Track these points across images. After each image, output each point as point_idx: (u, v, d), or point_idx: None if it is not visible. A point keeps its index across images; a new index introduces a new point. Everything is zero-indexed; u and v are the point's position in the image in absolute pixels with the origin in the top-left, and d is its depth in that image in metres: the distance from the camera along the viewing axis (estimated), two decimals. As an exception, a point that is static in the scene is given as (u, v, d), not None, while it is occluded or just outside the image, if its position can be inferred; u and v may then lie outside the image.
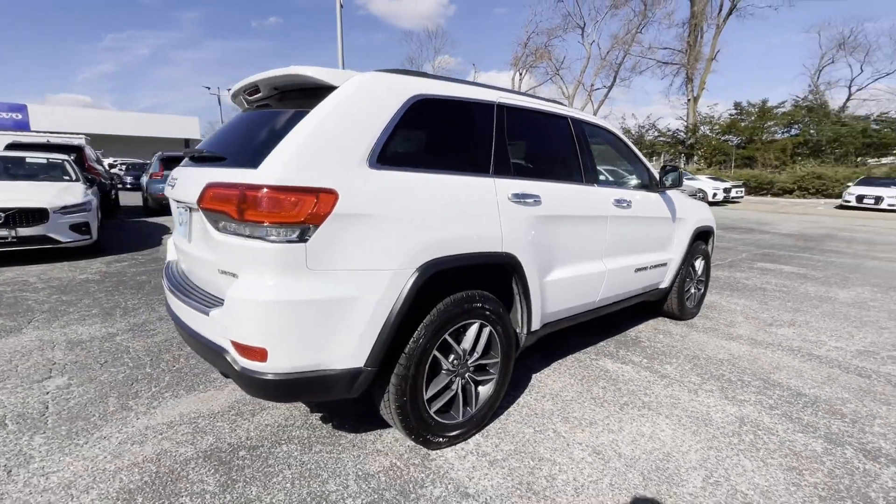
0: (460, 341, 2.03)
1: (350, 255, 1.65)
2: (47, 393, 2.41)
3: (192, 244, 1.98)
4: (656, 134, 33.86)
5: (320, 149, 1.65)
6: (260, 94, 2.09)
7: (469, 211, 1.97)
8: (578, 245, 2.61)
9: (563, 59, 34.25)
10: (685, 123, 33.21)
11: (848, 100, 33.75)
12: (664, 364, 3.02)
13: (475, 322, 2.04)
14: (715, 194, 18.56)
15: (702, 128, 32.00)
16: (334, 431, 2.13)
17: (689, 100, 33.34)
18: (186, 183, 1.95)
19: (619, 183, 3.45)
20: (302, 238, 1.56)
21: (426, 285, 1.80)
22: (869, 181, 18.60)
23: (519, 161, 2.40)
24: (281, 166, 1.58)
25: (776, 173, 25.37)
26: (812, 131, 27.98)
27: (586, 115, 2.97)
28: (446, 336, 1.95)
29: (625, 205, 2.93)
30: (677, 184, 3.35)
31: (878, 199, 16.91)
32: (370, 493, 1.74)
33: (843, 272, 6.14)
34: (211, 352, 1.75)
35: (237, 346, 1.63)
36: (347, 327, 1.66)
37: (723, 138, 31.12)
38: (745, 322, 3.95)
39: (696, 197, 16.65)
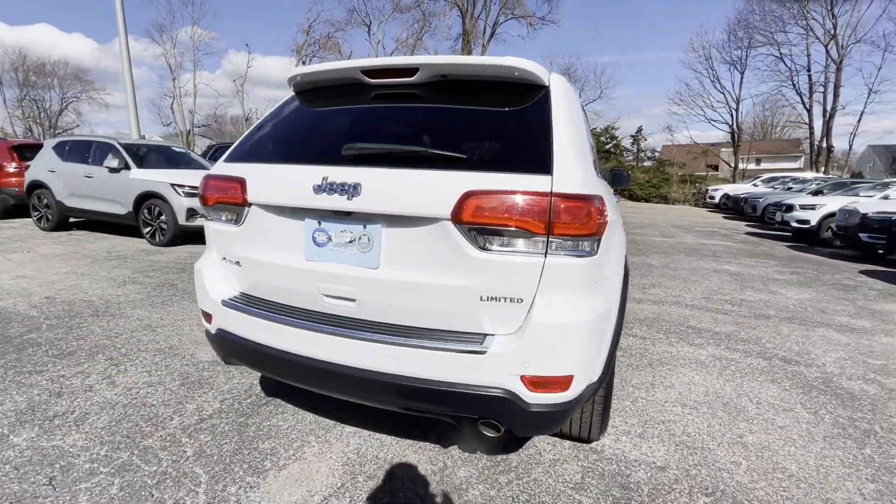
0: None
1: (609, 263, 1.69)
2: None
3: (389, 269, 1.58)
4: None
5: (583, 154, 1.62)
6: (412, 79, 1.74)
7: None
8: None
9: (351, 54, 34.48)
10: None
11: None
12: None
13: None
14: None
15: None
16: (505, 459, 1.99)
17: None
18: (397, 191, 1.54)
19: None
20: (593, 250, 1.50)
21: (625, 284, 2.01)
22: None
23: None
24: (574, 173, 1.48)
25: None
26: None
27: None
28: None
29: None
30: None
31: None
32: (604, 488, 1.84)
33: (635, 246, 8.65)
34: (444, 398, 1.51)
35: (531, 380, 1.46)
36: (606, 337, 1.68)
37: None
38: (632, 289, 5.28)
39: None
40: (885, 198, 9.69)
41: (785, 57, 28.87)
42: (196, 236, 6.62)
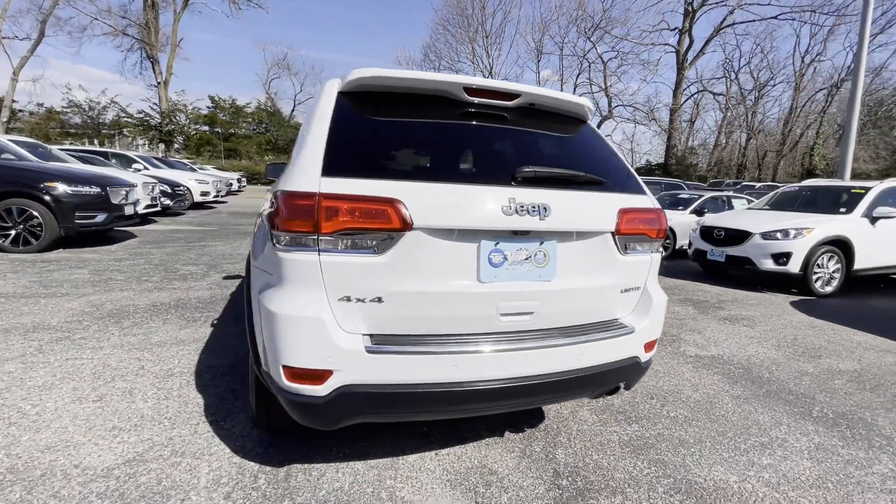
0: None
1: None
2: None
3: (562, 280, 1.77)
4: (121, 114, 34.16)
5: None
6: (510, 103, 1.89)
7: None
8: None
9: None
10: (155, 108, 33.06)
11: (294, 109, 47.25)
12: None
13: None
14: (231, 184, 19.17)
15: (179, 116, 34.87)
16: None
17: (158, 83, 32.44)
18: (578, 211, 1.79)
19: None
20: (660, 248, 2.10)
21: None
22: None
23: None
24: (649, 192, 2.06)
25: (259, 165, 31.07)
26: (277, 132, 39.80)
27: None
28: None
29: None
30: None
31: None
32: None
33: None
34: (604, 377, 1.85)
35: (648, 345, 1.98)
36: None
37: (208, 129, 37.28)
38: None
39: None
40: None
41: None
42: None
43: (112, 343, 3.20)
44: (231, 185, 19.21)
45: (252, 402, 2.05)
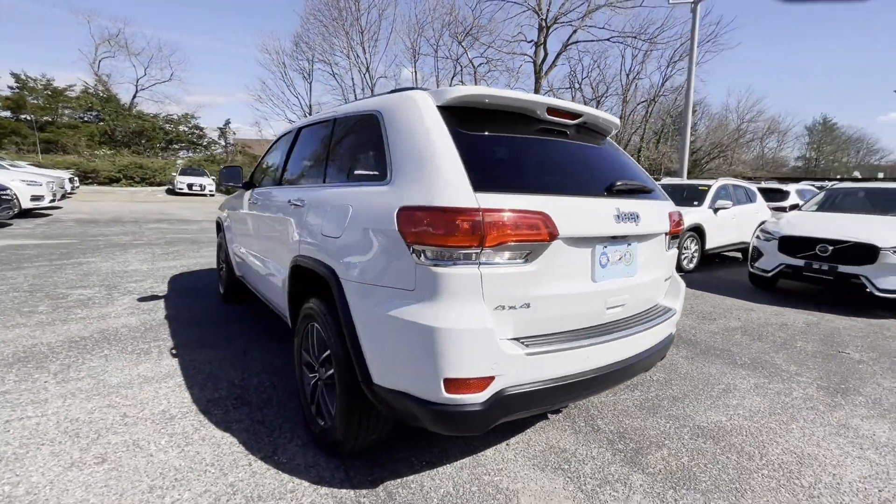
0: None
1: None
2: None
3: (640, 274, 2.12)
4: None
5: None
6: (574, 122, 2.17)
7: None
8: None
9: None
10: None
11: (136, 96, 38.27)
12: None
13: None
14: (63, 185, 14.89)
15: None
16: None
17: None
18: (652, 216, 2.13)
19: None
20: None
21: None
22: (186, 171, 24.06)
23: None
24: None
25: (94, 161, 25.95)
26: (115, 122, 32.33)
27: None
28: None
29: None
30: None
31: (202, 187, 22.46)
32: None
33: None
34: (661, 352, 2.23)
35: (676, 322, 2.40)
36: None
37: (10, 116, 28.67)
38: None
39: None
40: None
41: (338, 76, 34.24)
42: None
43: (56, 393, 2.57)
44: (64, 186, 15.62)
45: (340, 424, 1.92)
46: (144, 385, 2.71)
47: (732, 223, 8.23)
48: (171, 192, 23.01)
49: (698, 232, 7.63)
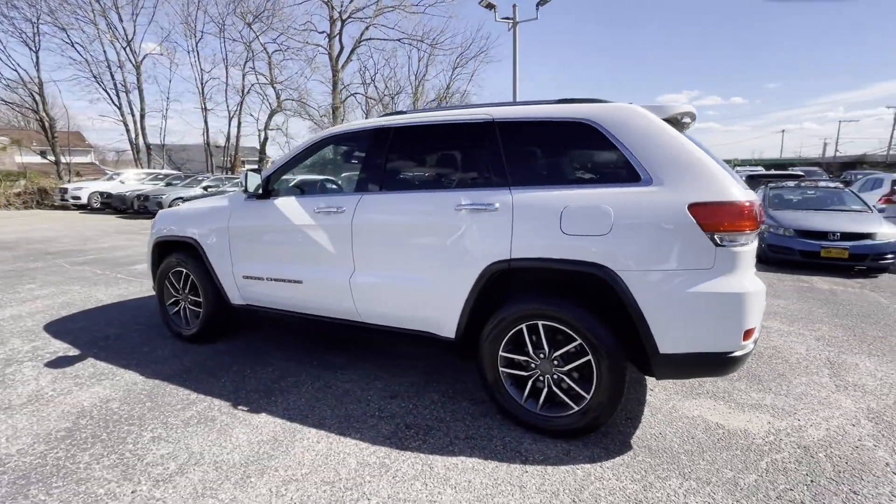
0: None
1: None
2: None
3: None
4: None
5: None
6: (691, 121, 2.57)
7: None
8: None
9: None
10: None
11: None
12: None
13: None
14: None
15: None
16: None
17: None
18: None
19: None
20: None
21: None
22: None
23: None
24: None
25: None
26: None
27: None
28: None
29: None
30: None
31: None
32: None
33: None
34: None
35: None
36: None
37: None
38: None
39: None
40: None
41: (79, 46, 24.64)
42: None
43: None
44: None
45: (605, 398, 2.17)
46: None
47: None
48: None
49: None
